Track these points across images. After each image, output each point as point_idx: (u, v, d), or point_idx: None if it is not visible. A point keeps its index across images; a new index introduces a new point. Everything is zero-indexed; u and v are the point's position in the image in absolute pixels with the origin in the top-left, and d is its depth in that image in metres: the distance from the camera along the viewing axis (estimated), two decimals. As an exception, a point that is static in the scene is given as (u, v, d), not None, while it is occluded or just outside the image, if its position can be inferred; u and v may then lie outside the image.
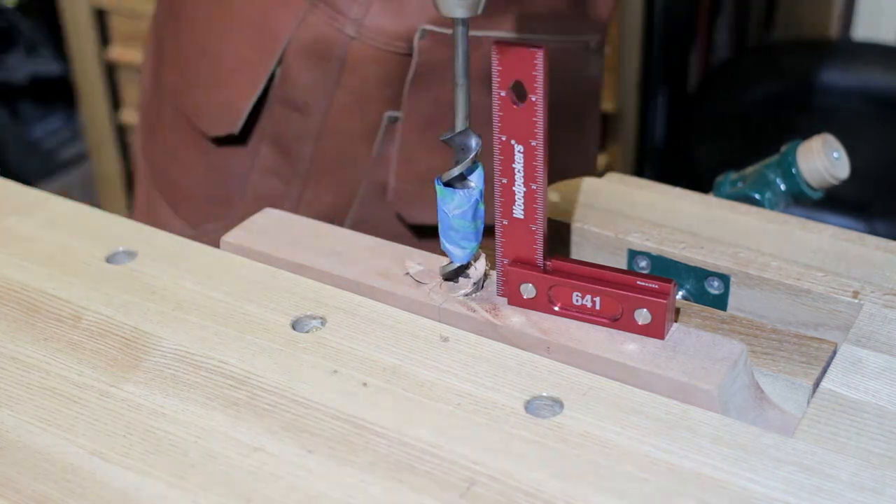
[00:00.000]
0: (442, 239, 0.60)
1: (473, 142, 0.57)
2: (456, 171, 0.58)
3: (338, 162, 0.87)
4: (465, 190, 0.58)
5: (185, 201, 0.94)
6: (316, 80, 0.85)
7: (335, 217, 0.88)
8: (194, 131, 0.91)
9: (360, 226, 0.87)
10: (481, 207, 0.59)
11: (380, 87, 0.84)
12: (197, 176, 0.93)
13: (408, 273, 0.61)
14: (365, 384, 0.55)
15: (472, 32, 0.81)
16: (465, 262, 0.60)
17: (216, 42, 0.87)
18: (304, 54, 0.84)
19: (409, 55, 0.83)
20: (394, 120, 0.85)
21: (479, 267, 0.60)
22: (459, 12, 0.53)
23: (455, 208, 0.58)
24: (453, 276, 0.60)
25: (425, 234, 0.89)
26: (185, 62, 0.91)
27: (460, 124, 0.57)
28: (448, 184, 0.58)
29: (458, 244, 0.59)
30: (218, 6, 0.87)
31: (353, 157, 0.87)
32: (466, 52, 0.55)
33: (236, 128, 0.87)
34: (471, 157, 0.57)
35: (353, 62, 0.83)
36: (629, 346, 0.55)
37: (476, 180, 0.59)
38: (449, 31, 0.81)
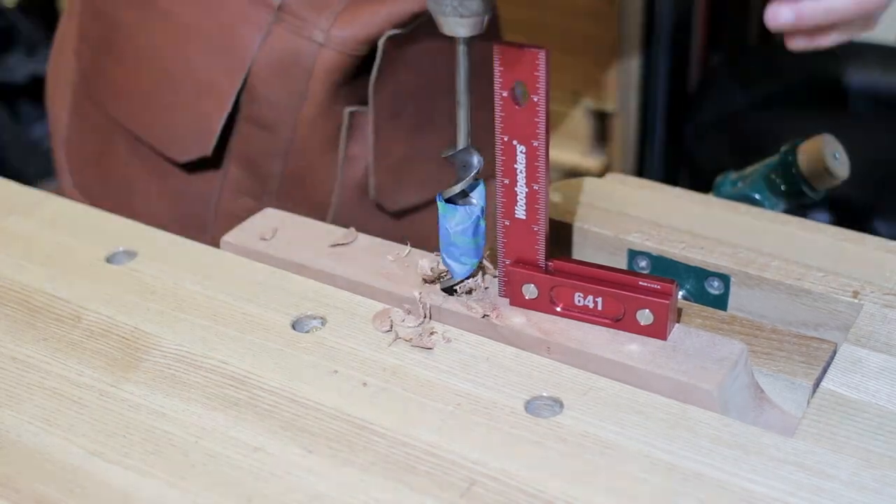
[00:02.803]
0: (442, 253, 0.60)
1: (475, 159, 0.57)
2: (457, 188, 0.58)
3: (308, 173, 0.87)
4: (467, 207, 0.58)
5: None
6: (283, 96, 0.84)
7: None
8: (156, 159, 0.89)
9: (338, 224, 0.88)
10: (482, 224, 0.59)
11: (343, 89, 0.84)
12: (162, 204, 0.91)
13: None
14: (365, 384, 0.55)
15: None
16: (464, 277, 0.60)
17: (178, 66, 0.86)
18: (271, 70, 0.83)
19: (370, 55, 0.83)
20: (353, 114, 0.85)
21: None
22: (462, 31, 0.53)
23: (456, 225, 0.58)
24: (452, 290, 0.60)
25: (404, 216, 0.91)
26: (143, 90, 0.88)
27: (462, 142, 0.57)
28: (450, 200, 0.59)
29: (458, 260, 0.59)
30: (174, 30, 0.86)
31: (323, 165, 0.87)
32: (468, 71, 0.55)
33: (209, 150, 0.86)
34: (472, 174, 0.57)
35: (319, 71, 0.83)
36: (629, 346, 0.55)
37: (478, 197, 0.59)
38: (405, 31, 0.83)
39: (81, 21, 0.94)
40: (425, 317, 0.59)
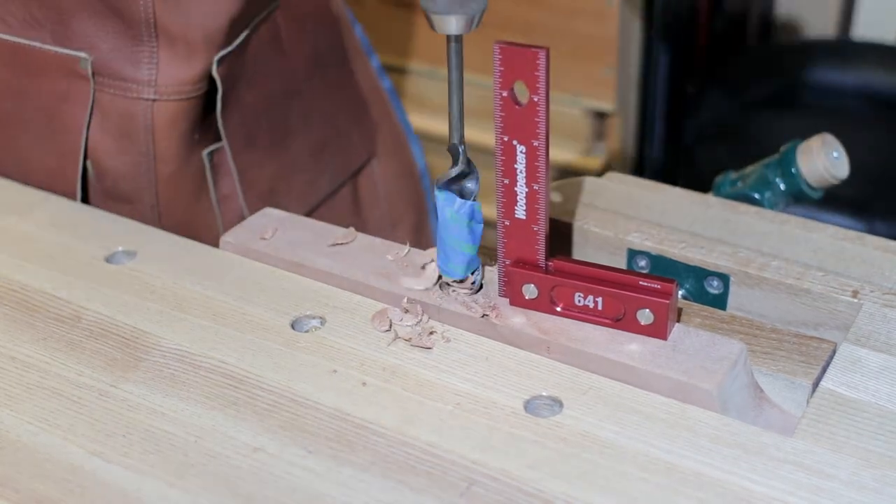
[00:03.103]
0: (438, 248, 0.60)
1: (460, 149, 0.58)
2: (452, 174, 0.58)
3: (187, 227, 0.81)
4: (453, 198, 0.58)
5: None
6: (131, 163, 0.79)
7: None
8: None
9: None
10: (467, 224, 0.59)
11: (194, 134, 0.79)
12: None
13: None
14: (364, 384, 0.55)
15: None
16: (453, 274, 0.59)
17: (13, 163, 0.81)
18: (111, 140, 0.78)
19: (211, 90, 0.78)
20: (211, 154, 0.81)
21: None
22: (453, 30, 0.53)
23: (442, 214, 0.58)
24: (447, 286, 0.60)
25: None
26: None
27: (454, 138, 0.57)
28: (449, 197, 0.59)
29: (446, 254, 0.59)
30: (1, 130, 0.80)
31: (200, 214, 0.82)
32: (460, 69, 0.55)
33: None
34: (459, 167, 0.57)
35: (162, 127, 0.77)
36: (628, 346, 0.55)
37: (466, 200, 0.59)
38: (230, 50, 0.78)
39: None
40: (424, 316, 0.59)
